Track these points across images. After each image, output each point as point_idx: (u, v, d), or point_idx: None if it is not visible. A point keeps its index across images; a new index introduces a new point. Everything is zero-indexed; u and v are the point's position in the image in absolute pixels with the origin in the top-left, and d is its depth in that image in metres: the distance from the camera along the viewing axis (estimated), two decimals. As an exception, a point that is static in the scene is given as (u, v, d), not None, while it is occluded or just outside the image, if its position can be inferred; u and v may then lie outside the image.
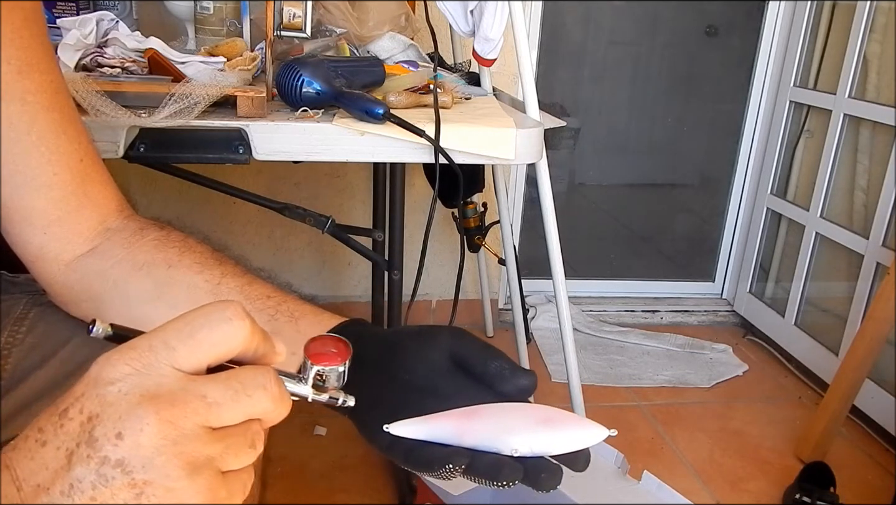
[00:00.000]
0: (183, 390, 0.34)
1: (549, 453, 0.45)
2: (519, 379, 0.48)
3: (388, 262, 1.31)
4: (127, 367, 0.33)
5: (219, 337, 0.35)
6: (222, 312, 0.36)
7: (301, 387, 0.41)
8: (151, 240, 0.59)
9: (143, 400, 0.33)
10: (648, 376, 2.16)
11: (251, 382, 0.35)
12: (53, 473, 0.33)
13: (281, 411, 0.37)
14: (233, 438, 0.35)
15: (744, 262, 2.55)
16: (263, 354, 0.38)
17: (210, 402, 0.34)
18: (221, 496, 0.35)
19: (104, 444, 0.32)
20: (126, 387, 0.33)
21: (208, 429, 0.34)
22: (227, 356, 0.36)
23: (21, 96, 0.52)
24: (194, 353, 0.35)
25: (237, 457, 0.35)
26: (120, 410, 0.32)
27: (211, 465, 0.34)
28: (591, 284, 2.61)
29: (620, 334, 2.40)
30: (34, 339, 0.60)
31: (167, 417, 0.33)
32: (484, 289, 2.27)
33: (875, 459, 1.83)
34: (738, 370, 2.24)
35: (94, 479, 0.32)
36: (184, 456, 0.33)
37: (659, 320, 2.55)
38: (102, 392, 0.33)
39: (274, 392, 0.36)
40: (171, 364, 0.34)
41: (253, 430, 0.36)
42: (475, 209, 1.87)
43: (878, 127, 2.01)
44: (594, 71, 2.61)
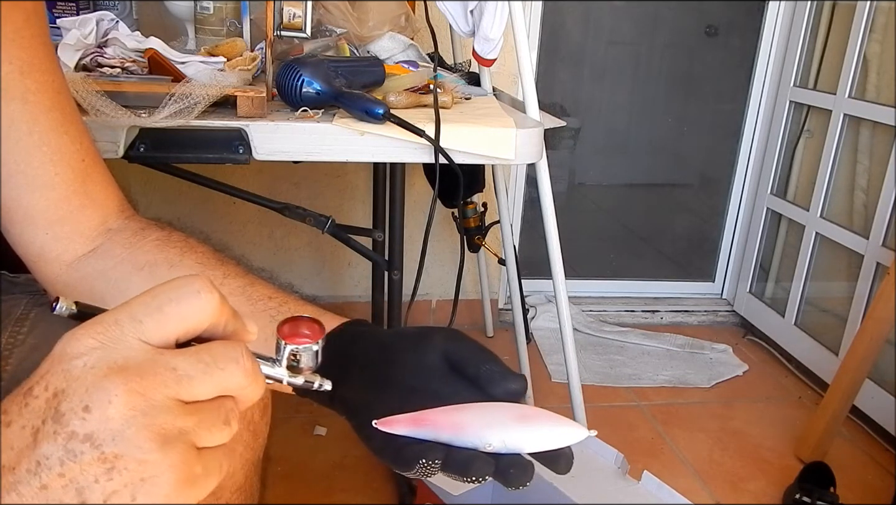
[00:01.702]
0: (151, 362, 0.33)
1: (524, 450, 0.45)
2: (509, 383, 0.48)
3: (388, 262, 1.31)
4: (92, 340, 0.33)
5: (187, 310, 0.34)
6: (190, 285, 0.35)
7: (276, 369, 0.40)
8: (153, 240, 0.59)
9: (111, 372, 0.32)
10: (648, 376, 2.16)
11: (223, 356, 0.34)
12: (19, 452, 0.32)
13: (254, 389, 0.36)
14: (205, 413, 0.34)
15: (744, 262, 2.56)
16: (233, 330, 0.37)
17: (180, 374, 0.33)
18: (197, 472, 0.33)
19: (71, 418, 0.31)
20: (92, 360, 0.32)
21: (179, 402, 0.33)
22: (195, 330, 0.35)
23: (23, 96, 0.52)
24: (162, 326, 0.34)
25: (210, 432, 0.34)
26: (86, 383, 0.31)
27: (184, 438, 0.33)
28: (591, 284, 2.61)
29: (620, 334, 2.40)
30: (35, 339, 0.60)
31: (136, 388, 0.32)
32: (484, 289, 2.27)
33: (875, 459, 1.83)
34: (738, 370, 2.24)
35: (62, 454, 0.31)
36: (154, 427, 0.32)
37: (659, 320, 2.55)
38: (67, 367, 0.32)
39: (246, 366, 0.35)
40: (139, 337, 0.33)
41: (227, 406, 0.35)
42: (475, 209, 1.87)
43: (878, 127, 2.01)
44: (594, 71, 2.61)
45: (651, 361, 2.27)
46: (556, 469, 0.47)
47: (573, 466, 0.48)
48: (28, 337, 0.60)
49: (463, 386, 0.50)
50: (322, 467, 1.65)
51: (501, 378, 0.49)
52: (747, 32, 2.45)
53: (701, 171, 2.78)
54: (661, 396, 2.07)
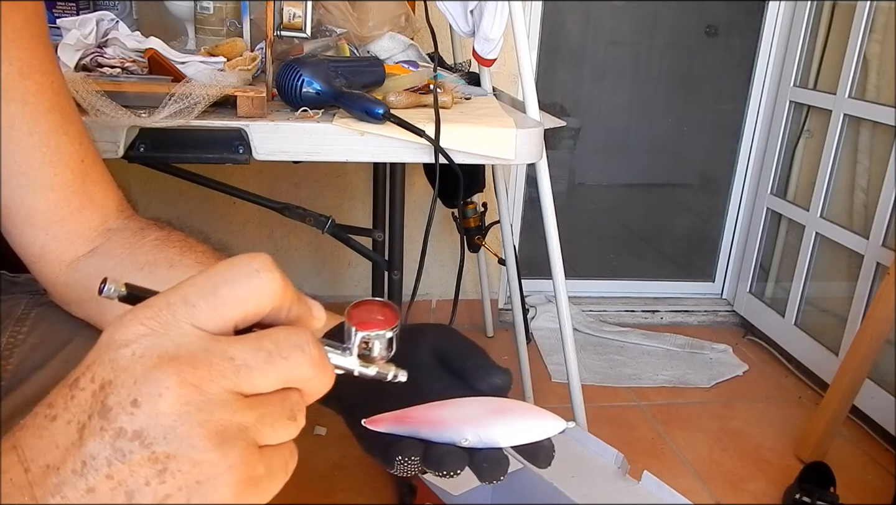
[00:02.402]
0: (206, 351, 0.29)
1: (499, 444, 0.45)
2: (492, 377, 0.48)
3: (388, 262, 1.31)
4: (142, 326, 0.29)
5: (245, 292, 0.31)
6: (249, 265, 0.31)
7: (346, 358, 0.37)
8: (152, 240, 0.59)
9: (162, 362, 0.29)
10: (648, 376, 2.16)
11: (286, 343, 0.31)
12: (64, 450, 0.29)
13: (322, 381, 0.33)
14: (268, 407, 0.31)
15: (744, 262, 2.56)
16: (298, 316, 0.33)
17: (239, 363, 0.30)
18: (259, 473, 0.30)
19: (119, 413, 0.28)
20: (141, 348, 0.29)
21: (238, 395, 0.30)
22: (255, 315, 0.32)
23: (22, 97, 0.52)
24: (218, 310, 0.30)
25: (274, 429, 0.31)
26: (135, 373, 0.29)
27: (244, 435, 0.30)
28: (591, 283, 2.61)
29: (620, 334, 2.40)
30: (35, 339, 0.60)
31: (189, 379, 0.29)
32: (484, 289, 2.27)
33: (875, 459, 1.83)
34: (738, 370, 2.24)
35: (110, 454, 0.28)
36: (211, 424, 0.29)
37: (659, 320, 2.55)
38: (115, 356, 0.29)
39: (313, 355, 0.31)
40: (192, 322, 0.30)
41: (292, 399, 0.32)
42: (475, 209, 1.87)
43: (878, 127, 2.01)
44: (594, 71, 2.61)
45: (651, 361, 2.27)
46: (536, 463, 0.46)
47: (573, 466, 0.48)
48: (28, 337, 0.60)
49: (452, 382, 0.50)
50: (322, 467, 1.65)
51: (485, 373, 0.48)
52: (747, 32, 2.45)
53: (701, 171, 2.78)
54: (661, 396, 2.07)
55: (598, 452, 1.19)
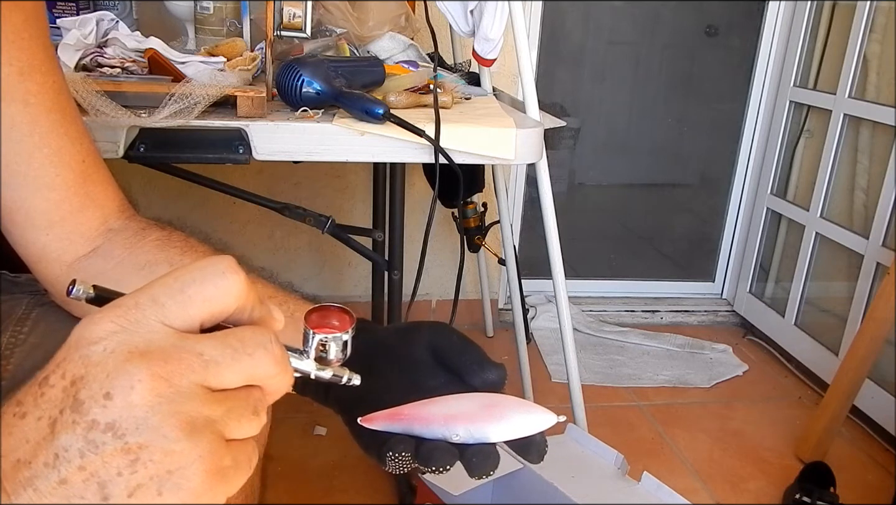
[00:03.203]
0: (176, 347, 0.30)
1: (490, 439, 0.45)
2: (486, 373, 0.49)
3: (388, 262, 1.31)
4: (112, 324, 0.30)
5: (212, 291, 0.32)
6: (215, 266, 0.33)
7: (303, 361, 0.38)
8: (153, 240, 0.59)
9: (133, 356, 0.29)
10: (648, 376, 2.16)
11: (251, 341, 0.32)
12: (35, 445, 0.29)
13: (283, 379, 0.34)
14: (234, 402, 0.32)
15: (744, 262, 2.56)
16: (260, 317, 0.35)
17: (207, 359, 0.31)
18: (226, 464, 0.31)
19: (91, 406, 0.29)
20: (112, 344, 0.30)
21: (206, 389, 0.31)
22: (221, 314, 0.33)
23: (23, 98, 0.52)
24: (186, 308, 0.31)
25: (240, 423, 0.32)
26: (107, 368, 0.29)
27: (213, 427, 0.31)
28: (591, 283, 2.61)
29: (620, 334, 2.40)
30: (36, 339, 0.60)
31: (160, 372, 0.29)
32: (484, 289, 2.27)
33: (875, 459, 1.83)
34: (738, 370, 2.24)
35: (83, 445, 0.29)
36: (181, 415, 0.30)
37: (659, 320, 2.55)
38: (86, 353, 0.30)
39: (276, 353, 0.33)
40: (161, 320, 0.31)
41: (255, 396, 0.33)
42: (475, 209, 1.87)
43: (878, 127, 2.01)
44: (594, 71, 2.61)
45: (651, 361, 2.27)
46: (529, 458, 0.46)
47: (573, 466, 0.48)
48: (29, 337, 0.60)
49: (447, 378, 0.50)
50: (322, 467, 1.65)
51: (479, 368, 0.49)
52: (747, 32, 2.45)
53: (701, 171, 2.78)
54: (661, 396, 2.07)
55: (598, 452, 1.19)
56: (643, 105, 2.66)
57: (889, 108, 1.91)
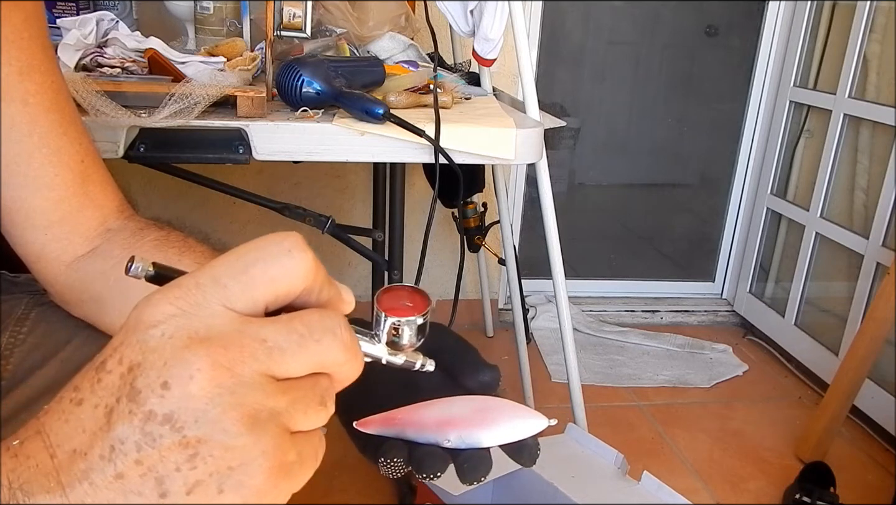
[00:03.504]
0: (238, 332, 0.28)
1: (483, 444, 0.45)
2: (480, 375, 0.48)
3: (388, 262, 1.31)
4: (171, 306, 0.28)
5: (277, 271, 0.30)
6: (280, 244, 0.30)
7: (374, 345, 0.36)
8: (151, 240, 0.59)
9: (192, 343, 0.28)
10: (648, 376, 2.16)
11: (318, 326, 0.30)
12: (91, 434, 0.28)
13: (353, 367, 0.32)
14: (300, 392, 0.30)
15: (744, 262, 2.56)
16: (328, 299, 0.32)
17: (271, 346, 0.29)
18: (291, 459, 0.30)
19: (148, 396, 0.27)
20: (171, 329, 0.28)
21: (270, 378, 0.29)
22: (287, 296, 0.30)
23: (22, 97, 0.52)
24: (249, 290, 0.29)
25: (306, 415, 0.30)
26: (165, 355, 0.27)
27: (276, 420, 0.29)
28: (591, 283, 2.61)
29: (620, 334, 2.40)
30: (35, 339, 0.60)
31: (221, 361, 0.28)
32: (484, 289, 2.27)
33: (875, 459, 1.83)
34: (738, 370, 2.24)
35: (139, 438, 0.27)
36: (243, 408, 0.28)
37: (659, 320, 2.55)
38: (143, 337, 0.28)
39: (345, 339, 0.30)
40: (223, 303, 0.29)
41: (322, 385, 0.31)
42: (475, 209, 1.87)
43: (878, 127, 2.01)
44: (594, 71, 2.62)
45: (651, 361, 2.27)
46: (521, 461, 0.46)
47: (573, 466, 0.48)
48: (29, 337, 0.60)
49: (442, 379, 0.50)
50: (322, 467, 1.65)
51: (473, 370, 0.48)
52: (747, 32, 2.45)
53: (701, 171, 2.78)
54: (661, 396, 2.07)
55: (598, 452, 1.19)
56: (643, 105, 2.66)
57: (889, 108, 1.91)
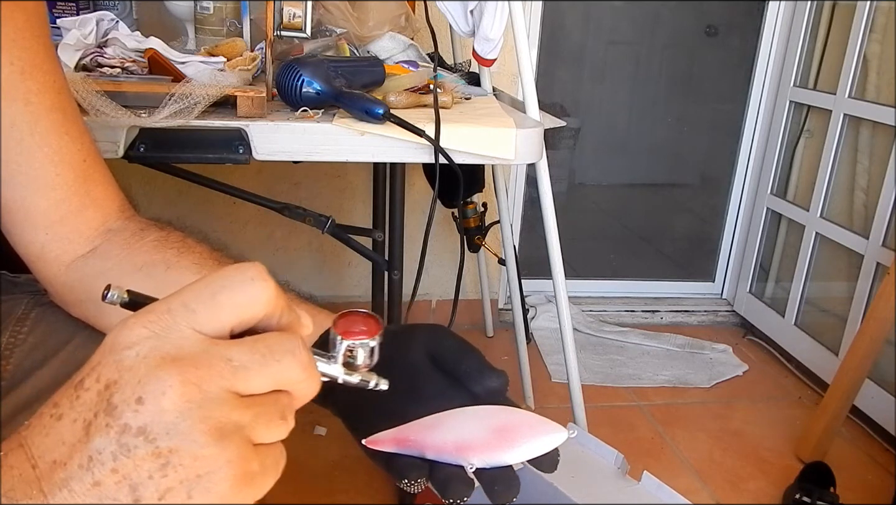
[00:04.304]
0: (206, 353, 0.31)
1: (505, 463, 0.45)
2: (487, 381, 0.49)
3: (388, 262, 1.31)
4: (144, 329, 0.31)
5: (241, 298, 0.33)
6: (244, 273, 0.33)
7: (331, 366, 0.39)
8: (151, 241, 0.59)
9: (164, 362, 0.30)
10: (648, 376, 2.16)
11: (279, 347, 0.33)
12: (70, 446, 0.30)
13: (310, 385, 0.34)
14: (262, 407, 0.32)
15: (744, 262, 2.56)
16: (288, 323, 0.35)
17: (236, 365, 0.31)
18: (254, 469, 0.32)
19: (124, 410, 0.30)
20: (144, 350, 0.31)
21: (235, 394, 0.31)
22: (250, 320, 0.33)
23: (24, 97, 0.52)
24: (216, 315, 0.32)
25: (268, 428, 0.33)
26: (139, 373, 0.30)
27: (241, 433, 0.31)
28: (591, 283, 2.61)
29: (620, 334, 2.40)
30: (35, 339, 0.60)
31: (191, 378, 0.30)
32: (484, 289, 2.27)
33: (875, 459, 1.83)
34: (738, 370, 2.24)
35: (115, 449, 0.30)
36: (210, 421, 0.30)
37: (659, 320, 2.55)
38: (119, 357, 0.31)
39: (303, 359, 0.33)
40: (192, 326, 0.32)
41: (283, 401, 0.33)
42: (475, 209, 1.87)
43: (878, 127, 2.01)
44: (594, 71, 2.62)
45: (651, 361, 2.27)
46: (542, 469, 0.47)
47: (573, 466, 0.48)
48: (29, 337, 0.60)
49: (447, 384, 0.50)
50: (322, 467, 1.65)
51: (480, 376, 0.49)
52: (747, 32, 2.46)
53: (701, 171, 2.78)
54: (661, 396, 2.07)
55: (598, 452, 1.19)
56: (643, 105, 2.66)
57: (889, 108, 1.91)
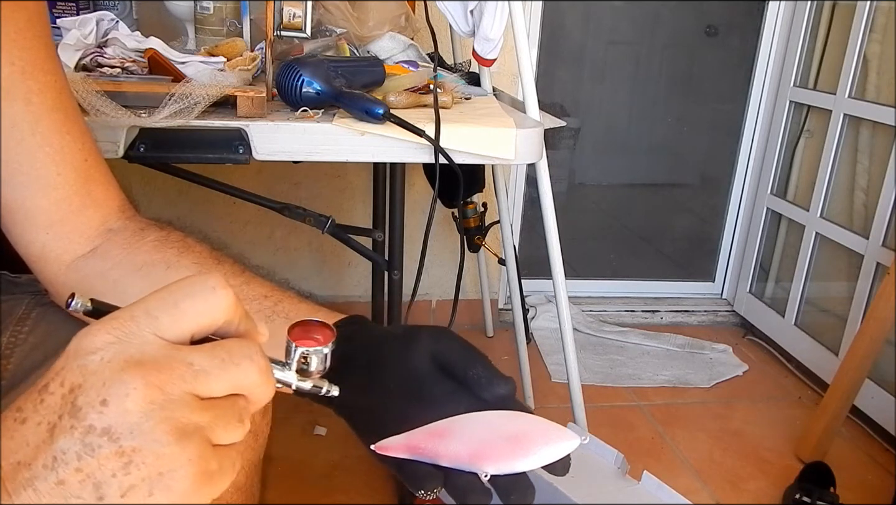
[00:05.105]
0: (168, 357, 0.32)
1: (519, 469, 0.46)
2: (496, 388, 0.49)
3: (388, 262, 1.31)
4: (108, 335, 0.32)
5: (202, 306, 0.34)
6: (205, 282, 0.35)
7: (285, 373, 0.40)
8: (151, 241, 0.59)
9: (128, 366, 0.31)
10: (648, 376, 2.16)
11: (238, 352, 0.34)
12: (35, 448, 0.31)
13: (267, 388, 0.36)
14: (220, 410, 0.34)
15: (744, 262, 2.56)
16: (246, 330, 0.37)
17: (197, 369, 0.33)
18: (213, 468, 0.33)
19: (88, 412, 0.31)
20: (108, 355, 0.32)
21: (195, 397, 0.33)
22: (210, 327, 0.35)
23: (25, 97, 0.53)
24: (178, 322, 0.34)
25: (226, 429, 0.34)
26: (103, 376, 0.31)
27: (200, 433, 0.33)
28: (591, 283, 2.61)
29: (620, 334, 2.40)
30: (36, 338, 0.60)
31: (153, 381, 0.31)
32: (484, 289, 2.27)
33: (875, 459, 1.83)
34: (738, 370, 2.24)
35: (80, 449, 0.31)
36: (172, 421, 0.32)
37: (659, 320, 2.55)
38: (84, 362, 0.32)
39: (261, 364, 0.35)
40: (155, 332, 0.33)
41: (240, 404, 0.35)
42: (475, 209, 1.87)
43: (878, 127, 2.01)
44: (594, 71, 2.62)
45: (651, 361, 2.27)
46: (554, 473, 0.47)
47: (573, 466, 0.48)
48: (29, 336, 0.60)
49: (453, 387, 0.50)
50: (322, 467, 1.65)
51: (488, 383, 0.49)
52: (747, 32, 2.45)
53: (701, 171, 2.78)
54: (661, 396, 2.07)
55: (598, 452, 1.19)
56: (643, 105, 2.66)
57: (889, 108, 1.91)
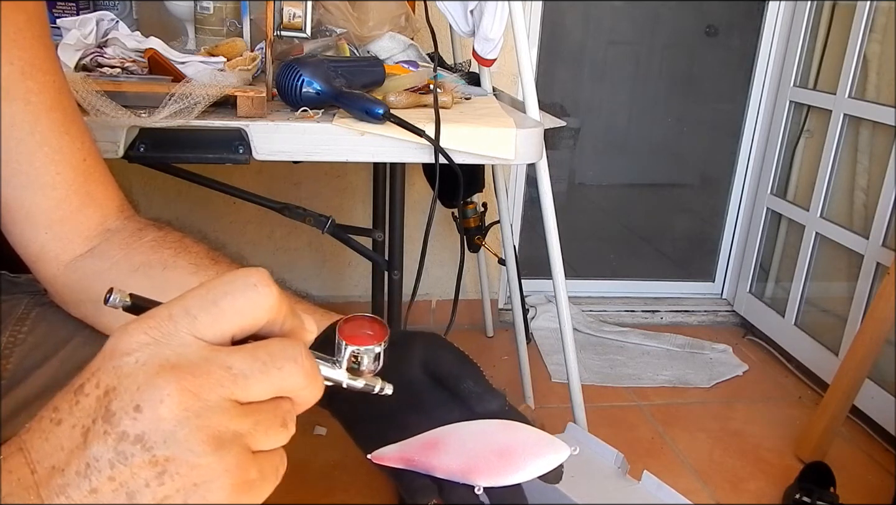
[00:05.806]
0: (206, 360, 0.31)
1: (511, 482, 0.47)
2: (486, 404, 0.50)
3: (388, 262, 1.31)
4: (145, 336, 0.31)
5: (243, 304, 0.32)
6: (246, 279, 0.33)
7: (336, 371, 0.38)
8: (149, 241, 0.59)
9: (163, 370, 0.30)
10: (648, 376, 2.16)
11: (280, 354, 0.32)
12: (69, 452, 0.30)
13: (313, 391, 0.34)
14: (262, 415, 0.32)
15: (744, 262, 2.56)
16: (291, 329, 0.35)
17: (236, 373, 0.31)
18: (252, 477, 0.32)
19: (122, 417, 0.30)
20: (144, 357, 0.30)
21: (234, 402, 0.31)
22: (252, 326, 0.33)
23: (24, 96, 0.53)
24: (217, 321, 0.32)
25: (267, 436, 0.32)
26: (138, 380, 0.30)
27: (239, 441, 0.31)
28: (591, 283, 2.61)
29: (620, 334, 2.40)
30: (35, 338, 0.60)
31: (189, 387, 0.30)
32: (484, 289, 2.27)
33: (875, 459, 1.83)
34: (738, 370, 2.24)
35: (112, 456, 0.30)
36: (208, 429, 0.30)
37: (659, 320, 2.55)
38: (119, 364, 0.30)
39: (305, 366, 0.33)
40: (193, 333, 0.31)
41: (284, 407, 0.33)
42: (475, 209, 1.87)
43: (878, 127, 2.01)
44: (594, 71, 2.62)
45: (651, 361, 2.27)
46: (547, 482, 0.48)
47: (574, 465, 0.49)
48: (29, 336, 0.60)
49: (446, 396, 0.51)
50: (322, 467, 1.65)
51: (479, 399, 0.50)
52: (747, 32, 2.46)
53: (701, 171, 2.78)
54: (661, 396, 2.07)
55: (598, 452, 1.19)
56: (643, 105, 2.66)
57: (889, 108, 1.91)
